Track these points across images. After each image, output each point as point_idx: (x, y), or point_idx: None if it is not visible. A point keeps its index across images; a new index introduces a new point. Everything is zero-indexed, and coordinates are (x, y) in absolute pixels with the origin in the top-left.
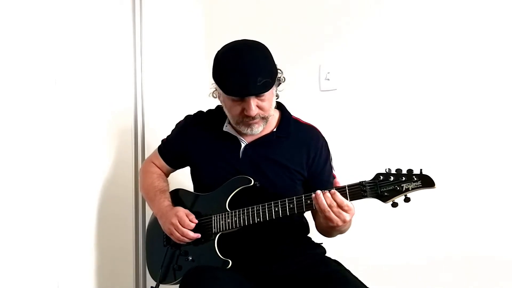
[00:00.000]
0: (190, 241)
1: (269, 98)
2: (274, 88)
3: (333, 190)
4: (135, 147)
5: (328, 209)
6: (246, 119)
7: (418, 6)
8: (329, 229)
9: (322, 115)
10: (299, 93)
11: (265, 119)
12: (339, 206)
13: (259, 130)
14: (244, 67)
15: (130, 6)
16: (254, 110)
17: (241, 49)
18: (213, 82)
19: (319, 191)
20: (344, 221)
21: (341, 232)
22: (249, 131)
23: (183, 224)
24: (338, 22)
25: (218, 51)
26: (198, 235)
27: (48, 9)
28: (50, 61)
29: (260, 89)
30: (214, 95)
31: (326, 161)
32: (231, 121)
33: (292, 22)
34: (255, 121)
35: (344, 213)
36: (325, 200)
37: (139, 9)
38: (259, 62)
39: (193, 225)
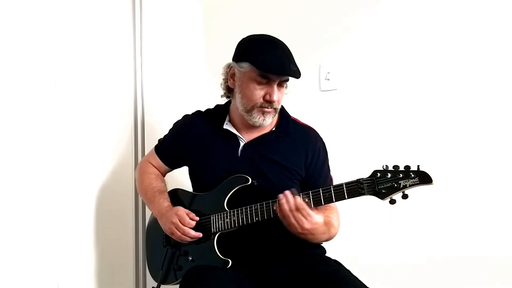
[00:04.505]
0: (191, 240)
1: (283, 92)
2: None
3: (297, 196)
4: (135, 147)
5: (288, 213)
6: (265, 104)
7: (418, 6)
8: (298, 235)
9: (322, 115)
10: (299, 93)
11: (276, 111)
12: (298, 209)
13: (269, 121)
14: (282, 50)
15: (130, 6)
16: (277, 95)
17: (274, 39)
18: (225, 71)
19: (287, 191)
20: (302, 227)
21: (310, 240)
22: (261, 120)
23: (184, 223)
24: (338, 22)
25: (246, 37)
26: (200, 234)
27: (48, 9)
28: (50, 61)
29: (294, 73)
30: (223, 88)
31: (324, 163)
32: (243, 109)
33: (292, 22)
34: (270, 109)
35: (302, 218)
36: (287, 204)
37: (139, 9)
38: (291, 53)
39: (193, 223)
